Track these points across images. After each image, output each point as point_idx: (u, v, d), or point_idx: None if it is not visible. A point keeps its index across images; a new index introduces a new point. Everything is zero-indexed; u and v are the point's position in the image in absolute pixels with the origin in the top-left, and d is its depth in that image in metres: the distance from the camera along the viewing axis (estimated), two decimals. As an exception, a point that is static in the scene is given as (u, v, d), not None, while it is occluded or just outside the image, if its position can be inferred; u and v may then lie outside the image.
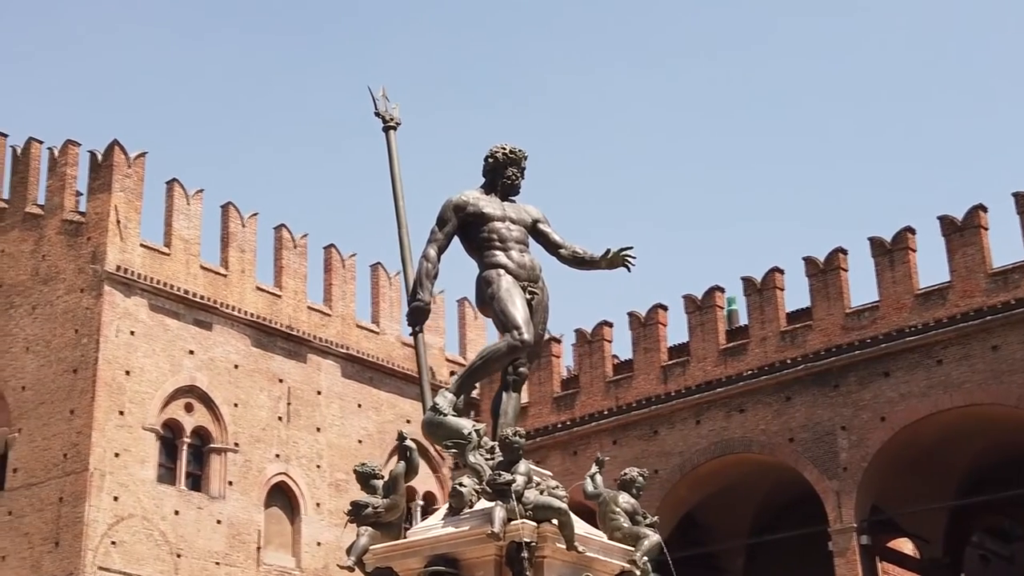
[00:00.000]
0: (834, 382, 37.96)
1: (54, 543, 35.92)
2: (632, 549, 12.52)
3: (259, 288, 41.70)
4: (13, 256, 40.00)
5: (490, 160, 13.75)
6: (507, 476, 11.79)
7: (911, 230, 37.91)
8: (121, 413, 37.08)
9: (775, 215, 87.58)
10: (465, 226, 13.44)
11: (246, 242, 41.81)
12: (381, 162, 14.19)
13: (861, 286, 45.23)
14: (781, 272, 40.32)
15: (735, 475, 40.56)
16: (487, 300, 13.21)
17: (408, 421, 44.61)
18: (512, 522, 11.55)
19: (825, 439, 37.86)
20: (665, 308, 42.45)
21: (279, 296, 42.16)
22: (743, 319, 42.58)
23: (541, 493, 11.99)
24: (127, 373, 37.47)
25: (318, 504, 39.65)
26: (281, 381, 41.22)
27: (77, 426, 36.59)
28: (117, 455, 36.69)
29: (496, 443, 12.47)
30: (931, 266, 49.73)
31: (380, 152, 13.92)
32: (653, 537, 12.63)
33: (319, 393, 42.18)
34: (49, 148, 40.63)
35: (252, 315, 40.95)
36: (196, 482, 38.89)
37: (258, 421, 40.27)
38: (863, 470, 36.89)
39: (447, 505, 12.43)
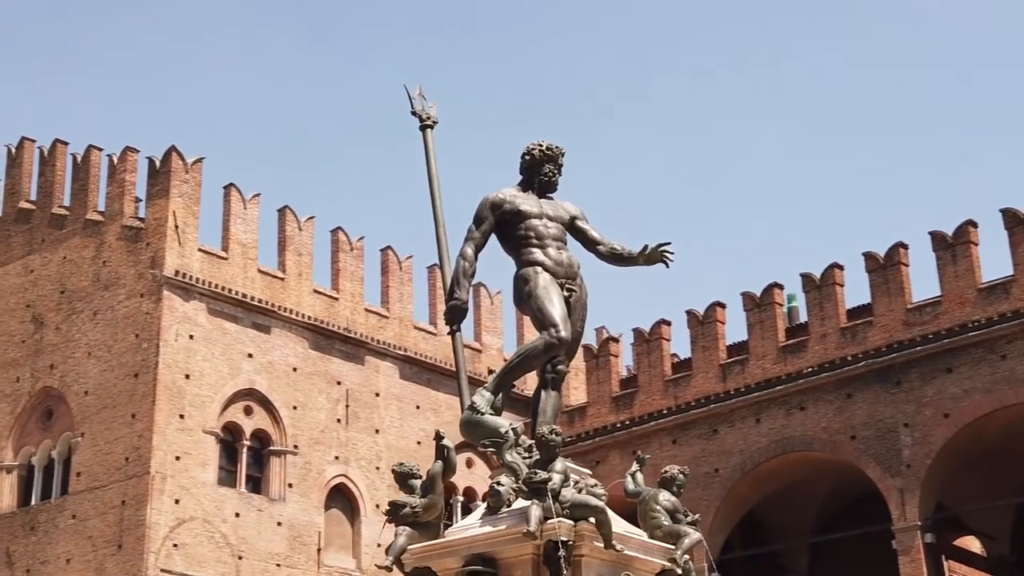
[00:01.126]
0: (896, 379, 37.60)
1: (117, 546, 36.26)
2: (672, 547, 12.37)
3: (316, 291, 41.86)
4: (75, 263, 40.46)
5: (527, 157, 13.69)
6: (543, 474, 11.70)
7: (973, 224, 37.44)
8: (181, 416, 37.34)
9: (834, 211, 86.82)
10: (502, 224, 13.38)
11: (303, 245, 42.01)
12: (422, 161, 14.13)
13: (922, 281, 44.65)
14: (841, 268, 40.00)
15: (797, 473, 40.26)
16: (524, 298, 13.16)
17: (467, 422, 44.73)
18: (548, 521, 11.46)
19: (887, 436, 37.48)
20: (723, 306, 42.28)
21: (336, 299, 42.33)
22: (803, 316, 42.27)
23: (579, 491, 11.88)
24: (187, 377, 37.75)
25: (377, 506, 39.73)
26: (339, 383, 41.37)
27: (138, 430, 36.92)
28: (178, 458, 36.97)
29: (533, 441, 12.38)
30: (993, 260, 49.02)
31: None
32: (694, 535, 12.49)
33: (377, 395, 42.29)
34: (108, 155, 41.02)
35: (310, 318, 41.13)
36: (256, 484, 39.08)
37: (317, 423, 40.45)
38: (927, 467, 36.50)
39: (485, 504, 12.37)
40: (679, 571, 12.37)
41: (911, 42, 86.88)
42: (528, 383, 17.79)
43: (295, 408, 40.05)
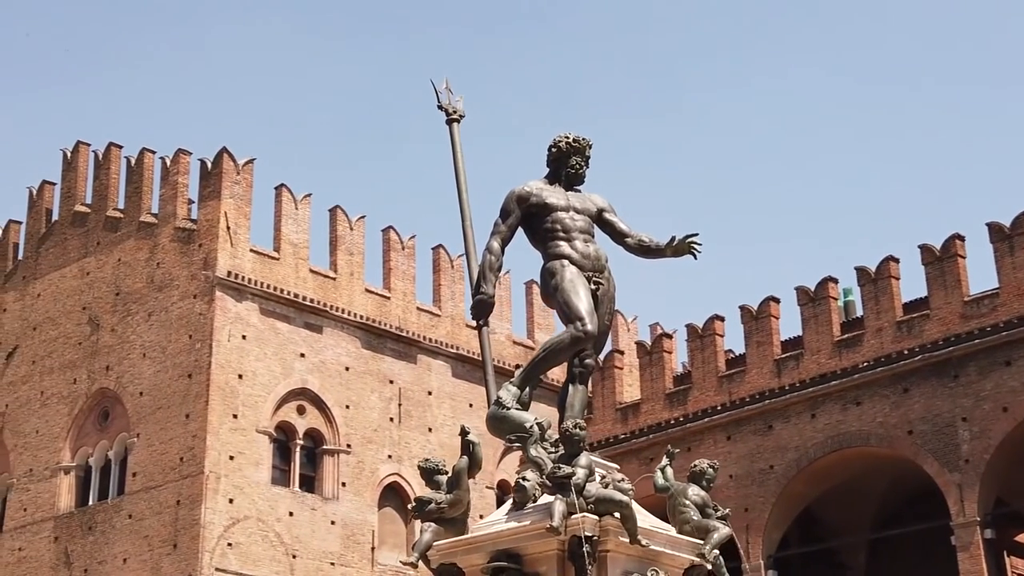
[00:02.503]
0: (953, 372, 37.02)
1: (172, 545, 36.54)
2: (701, 542, 12.18)
3: (368, 290, 41.95)
4: (129, 265, 40.82)
5: (553, 150, 13.57)
6: (567, 469, 11.57)
7: (1032, 214, 36.77)
8: (235, 416, 37.57)
9: (890, 203, 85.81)
10: (528, 217, 13.28)
11: (354, 245, 42.11)
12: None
13: (979, 273, 44.00)
14: (896, 261, 39.46)
15: (854, 469, 39.76)
16: (551, 291, 13.05)
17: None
18: (573, 516, 11.34)
19: (945, 431, 36.93)
20: (777, 300, 41.82)
21: (388, 298, 42.39)
22: (859, 310, 41.79)
23: (606, 486, 11.75)
24: (240, 377, 37.97)
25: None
26: (392, 382, 41.43)
27: (192, 430, 37.18)
28: (231, 458, 37.19)
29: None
30: (1054, 250, 47.99)
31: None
32: (723, 530, 12.28)
33: (430, 393, 42.32)
34: (161, 158, 41.37)
35: (362, 317, 41.22)
36: (310, 483, 39.24)
37: (370, 422, 40.53)
38: (986, 462, 35.91)
39: (511, 499, 12.28)
40: (708, 566, 12.18)
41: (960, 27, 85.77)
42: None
43: (348, 407, 40.16)
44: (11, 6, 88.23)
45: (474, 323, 13.59)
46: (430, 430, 41.93)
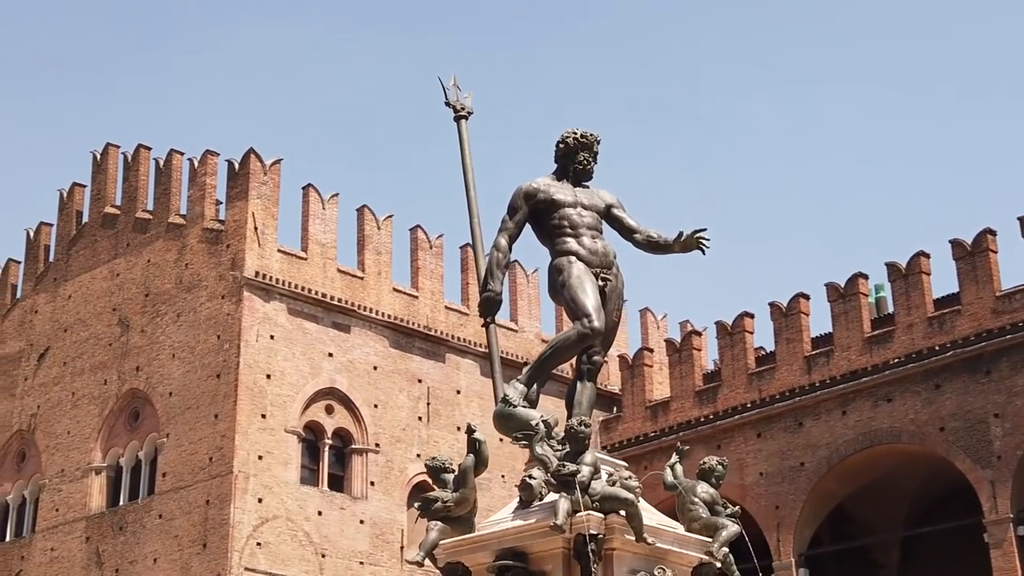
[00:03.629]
0: (985, 368, 36.74)
1: (202, 545, 36.65)
2: (709, 540, 12.07)
3: (396, 290, 41.94)
4: (158, 266, 40.99)
5: (561, 145, 13.51)
6: (571, 467, 11.50)
7: (1062, 207, 36.44)
8: (263, 416, 37.64)
9: (919, 198, 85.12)
10: (536, 213, 13.23)
11: (382, 244, 42.12)
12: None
13: (1011, 268, 43.51)
14: (927, 256, 39.18)
15: (885, 466, 39.49)
16: (558, 288, 12.99)
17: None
18: (577, 514, 11.26)
19: (977, 427, 36.64)
20: (807, 297, 41.64)
21: (416, 297, 42.38)
22: (890, 306, 41.48)
23: (613, 484, 11.66)
24: (268, 377, 38.04)
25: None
26: (420, 381, 41.42)
27: (221, 430, 37.27)
28: (260, 457, 37.26)
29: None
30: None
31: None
32: (732, 527, 12.16)
33: (458, 392, 42.27)
34: (189, 159, 41.52)
35: (390, 316, 41.22)
36: (338, 483, 39.25)
37: (398, 422, 40.54)
38: (1018, 459, 35.65)
39: (518, 498, 12.21)
40: (717, 564, 12.06)
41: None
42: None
43: (376, 406, 40.18)
44: (41, 10, 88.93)
45: (482, 320, 13.53)
46: (458, 429, 41.78)
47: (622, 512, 11.36)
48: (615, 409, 45.93)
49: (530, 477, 11.94)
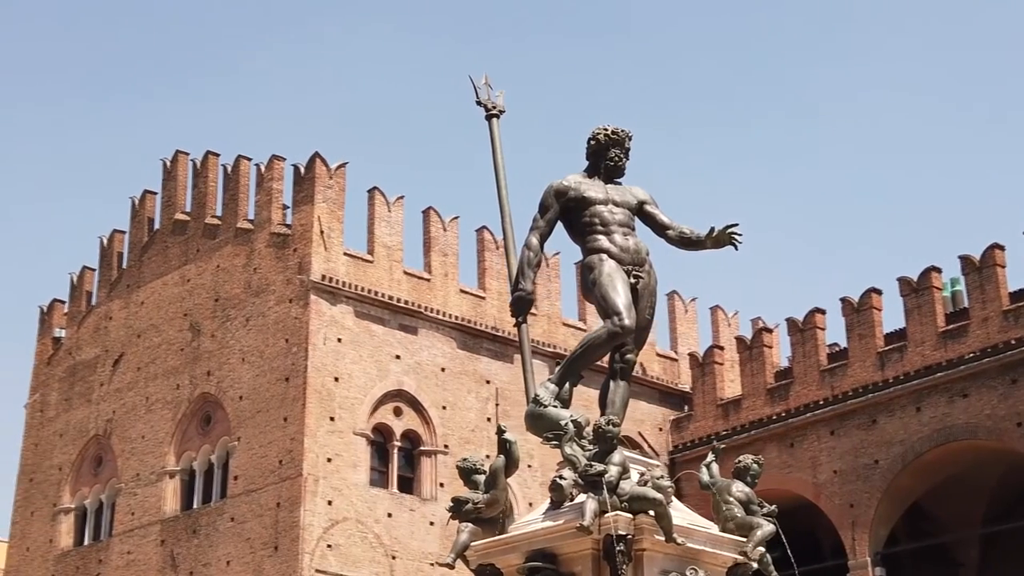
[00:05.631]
0: (1063, 361, 35.95)
1: (273, 547, 36.88)
2: (744, 540, 11.85)
3: (463, 291, 41.91)
4: (227, 271, 41.33)
5: (592, 142, 13.38)
6: (598, 467, 11.36)
7: None
8: (332, 419, 37.79)
9: (993, 190, 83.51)
10: (567, 211, 13.12)
11: (448, 246, 42.12)
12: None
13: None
14: (1001, 248, 38.48)
15: (963, 463, 38.81)
16: (589, 286, 12.87)
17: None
18: (605, 515, 11.12)
19: (1056, 422, 35.88)
20: (879, 292, 41.07)
21: (483, 298, 42.34)
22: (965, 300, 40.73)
23: (645, 484, 11.51)
24: (336, 380, 38.19)
25: (530, 504, 39.49)
26: (488, 382, 41.37)
27: (291, 433, 37.48)
28: (329, 460, 37.41)
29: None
30: None
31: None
32: (767, 527, 11.93)
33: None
34: (256, 164, 41.79)
35: (457, 318, 41.21)
36: (407, 484, 39.29)
37: (467, 423, 40.53)
38: (1098, 453, 34.83)
39: (549, 499, 12.10)
40: (753, 564, 11.84)
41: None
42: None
43: (444, 408, 40.20)
44: (111, 23, 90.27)
45: (514, 320, 13.45)
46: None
47: (651, 512, 11.20)
48: (686, 408, 45.59)
49: (560, 478, 11.84)
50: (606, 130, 13.33)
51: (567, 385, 12.78)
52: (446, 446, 39.74)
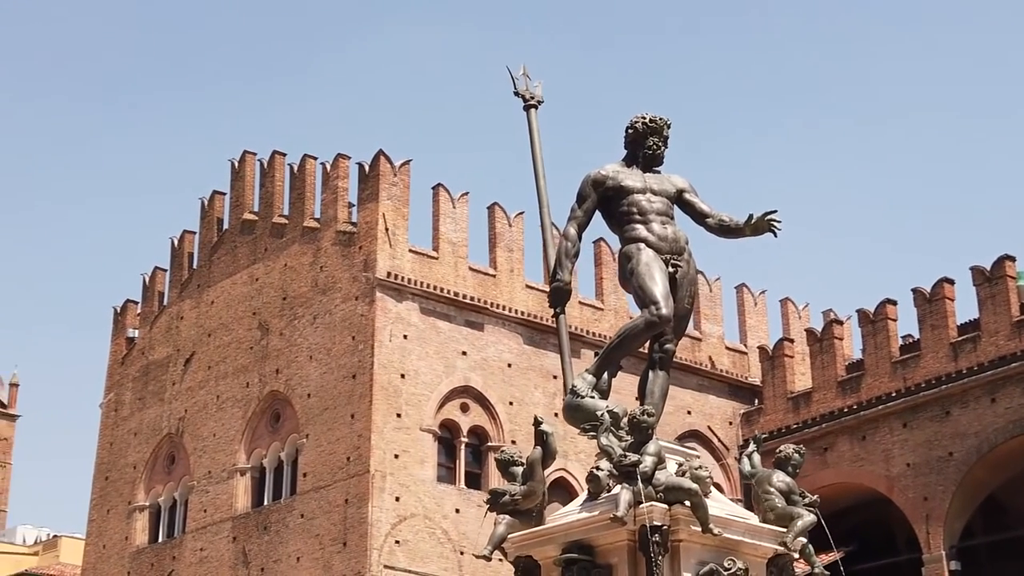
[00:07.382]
0: None
1: (342, 543, 37.07)
2: (784, 531, 11.67)
3: (529, 286, 41.80)
4: (295, 269, 41.61)
5: (630, 131, 13.28)
6: (633, 457, 11.26)
7: None
8: (399, 416, 37.88)
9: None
10: (605, 201, 13.04)
11: (513, 241, 42.04)
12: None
13: None
14: (1077, 235, 37.73)
15: (1039, 455, 38.09)
16: (627, 276, 12.77)
17: (688, 412, 43.95)
18: (640, 505, 11.01)
19: None
20: (951, 282, 40.43)
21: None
22: (1039, 288, 39.97)
23: (683, 474, 11.38)
24: (402, 376, 38.27)
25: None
26: (555, 377, 41.15)
27: (358, 429, 37.63)
28: (397, 456, 37.51)
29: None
30: None
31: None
32: (808, 517, 11.76)
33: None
34: (322, 163, 42.02)
35: (523, 313, 41.12)
36: (475, 480, 39.29)
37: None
38: None
39: (586, 490, 12.01)
40: (795, 555, 11.66)
41: None
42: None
43: (511, 404, 40.16)
44: (182, 29, 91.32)
45: (552, 311, 13.37)
46: (595, 424, 41.64)
47: (687, 503, 11.07)
48: (756, 401, 45.17)
49: (597, 469, 11.74)
50: (644, 118, 13.22)
51: (605, 375, 12.68)
52: (513, 441, 39.61)
